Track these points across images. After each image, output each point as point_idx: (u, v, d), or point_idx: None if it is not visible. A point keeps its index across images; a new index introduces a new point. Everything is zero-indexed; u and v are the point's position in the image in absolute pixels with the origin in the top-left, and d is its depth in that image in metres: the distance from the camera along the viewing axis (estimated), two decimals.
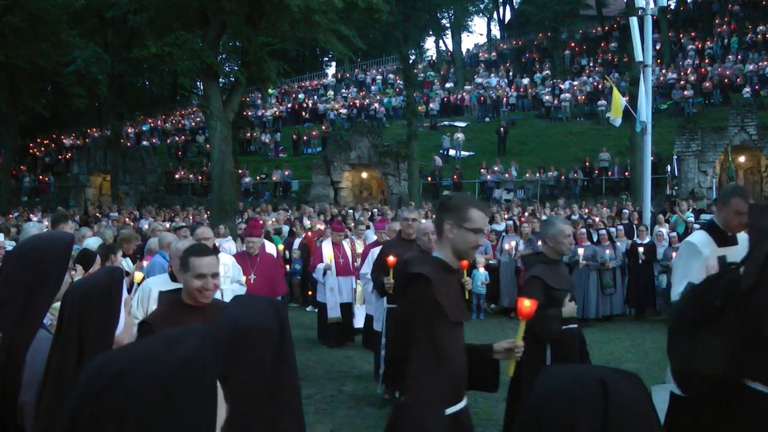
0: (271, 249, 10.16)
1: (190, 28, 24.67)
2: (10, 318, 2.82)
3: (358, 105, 42.15)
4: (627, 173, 27.76)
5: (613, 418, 1.41)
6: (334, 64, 61.98)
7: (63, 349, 2.59)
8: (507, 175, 29.95)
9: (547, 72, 42.45)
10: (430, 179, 31.46)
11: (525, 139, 34.87)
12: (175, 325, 3.09)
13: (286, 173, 33.50)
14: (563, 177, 29.07)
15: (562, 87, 38.70)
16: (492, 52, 52.23)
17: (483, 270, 15.12)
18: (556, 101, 37.26)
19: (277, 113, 43.72)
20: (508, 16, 60.82)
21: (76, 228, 10.49)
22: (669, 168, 26.49)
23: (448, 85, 45.20)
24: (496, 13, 61.26)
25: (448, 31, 56.40)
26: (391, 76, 49.20)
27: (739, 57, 36.91)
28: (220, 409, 1.37)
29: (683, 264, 4.92)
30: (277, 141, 38.66)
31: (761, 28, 38.96)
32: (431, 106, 40.70)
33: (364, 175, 32.78)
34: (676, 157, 26.26)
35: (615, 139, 30.20)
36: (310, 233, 17.32)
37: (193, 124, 44.58)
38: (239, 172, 31.66)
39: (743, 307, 3.44)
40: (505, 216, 19.60)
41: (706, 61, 37.82)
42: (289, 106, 45.21)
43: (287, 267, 16.32)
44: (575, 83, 39.16)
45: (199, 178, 34.42)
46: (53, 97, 43.99)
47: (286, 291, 12.37)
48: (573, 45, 46.40)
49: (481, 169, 30.57)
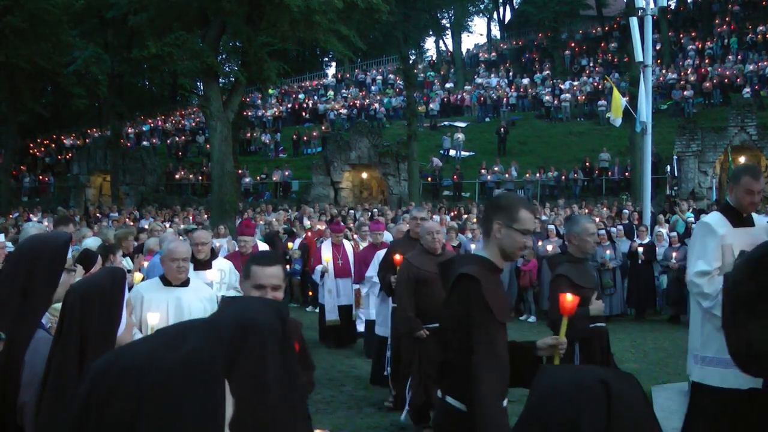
0: (264, 248, 9.82)
1: (190, 29, 24.68)
2: (6, 318, 2.82)
3: (358, 105, 42.14)
4: (627, 173, 27.77)
5: (616, 419, 1.41)
6: (334, 64, 61.99)
7: (64, 349, 2.59)
8: (507, 175, 29.93)
9: (547, 72, 42.47)
10: (430, 179, 31.47)
11: (525, 139, 34.87)
12: None
13: (286, 173, 33.50)
14: (563, 177, 29.07)
15: (562, 87, 38.72)
16: (492, 52, 52.24)
17: None
18: (556, 101, 37.27)
19: (277, 113, 43.71)
20: (508, 16, 60.86)
21: (77, 228, 10.48)
22: (669, 168, 26.51)
23: (448, 85, 45.19)
24: (496, 13, 61.27)
25: (448, 32, 56.45)
26: (391, 76, 49.20)
27: (739, 57, 36.92)
28: (227, 403, 1.38)
29: (699, 244, 4.87)
30: (277, 141, 38.67)
31: (761, 28, 38.99)
32: (431, 106, 40.71)
33: (364, 175, 32.78)
34: (676, 157, 26.28)
35: (615, 140, 30.21)
36: (310, 233, 17.31)
37: (193, 124, 44.57)
38: (239, 172, 31.65)
39: None
40: None
41: (706, 61, 37.84)
42: (289, 106, 45.21)
43: (287, 267, 16.31)
44: (575, 83, 39.17)
45: (200, 178, 34.41)
46: (53, 97, 44.00)
47: None
48: (573, 45, 46.41)
49: (481, 170, 30.58)
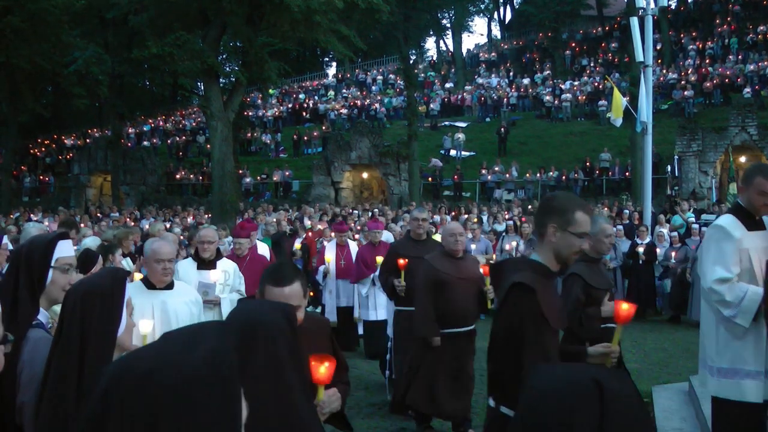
0: (263, 250, 9.61)
1: (190, 29, 24.71)
2: (3, 318, 2.83)
3: (358, 105, 42.13)
4: (627, 173, 27.76)
5: (609, 418, 1.40)
6: (334, 64, 62.02)
7: (64, 349, 2.59)
8: (507, 175, 29.95)
9: (547, 72, 42.48)
10: (430, 179, 31.47)
11: (525, 139, 34.86)
12: None
13: (287, 173, 33.50)
14: (564, 177, 29.05)
15: (563, 87, 38.72)
16: (492, 52, 52.29)
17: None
18: (556, 101, 37.27)
19: (277, 113, 43.72)
20: (509, 16, 60.85)
21: (79, 235, 10.46)
22: (669, 168, 26.51)
23: (449, 85, 45.20)
24: (496, 13, 61.27)
25: (449, 32, 56.47)
26: (391, 76, 49.20)
27: (739, 57, 36.90)
28: (243, 406, 1.38)
29: (715, 249, 4.61)
30: (277, 141, 38.68)
31: (762, 28, 38.97)
32: (432, 106, 40.71)
33: (365, 175, 32.78)
34: (677, 157, 26.27)
35: (615, 140, 30.19)
36: (311, 233, 17.31)
37: (193, 124, 44.60)
38: (240, 172, 31.68)
39: None
40: (506, 216, 19.58)
41: (707, 61, 37.83)
42: (289, 106, 45.20)
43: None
44: (576, 83, 39.17)
45: (200, 178, 34.42)
46: (54, 97, 44.01)
47: None
48: (573, 45, 46.44)
49: (481, 170, 30.59)
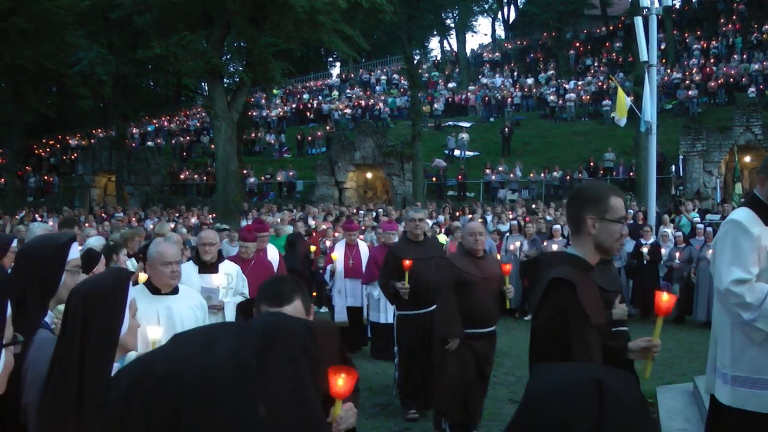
0: (273, 254, 9.41)
1: (194, 29, 24.76)
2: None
3: (362, 105, 42.16)
4: (632, 173, 27.73)
5: (609, 418, 1.39)
6: (338, 64, 62.06)
7: (66, 350, 2.59)
8: (511, 175, 29.93)
9: (551, 72, 42.48)
10: (434, 179, 31.47)
11: (529, 139, 34.84)
12: None
13: (291, 173, 33.52)
14: (568, 177, 29.02)
15: (567, 87, 38.68)
16: (496, 52, 52.28)
17: None
18: (560, 101, 37.24)
19: (281, 113, 43.76)
20: (513, 16, 60.76)
21: (82, 229, 10.47)
22: (674, 168, 26.47)
23: (452, 85, 45.20)
24: (500, 13, 61.20)
25: (453, 31, 56.39)
26: (395, 76, 49.21)
27: (744, 56, 36.83)
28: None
29: (731, 246, 4.17)
30: (281, 141, 38.70)
31: (766, 27, 38.84)
32: (436, 106, 40.68)
33: (369, 175, 32.78)
34: (682, 157, 26.23)
35: (620, 139, 30.15)
36: (315, 233, 17.32)
37: (197, 124, 44.65)
38: (244, 172, 31.70)
39: None
40: (510, 216, 19.56)
41: (711, 60, 37.77)
42: (293, 106, 45.22)
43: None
44: (580, 83, 39.12)
45: (204, 178, 34.46)
46: (58, 97, 44.05)
47: None
48: (577, 45, 46.40)
49: (485, 169, 30.58)
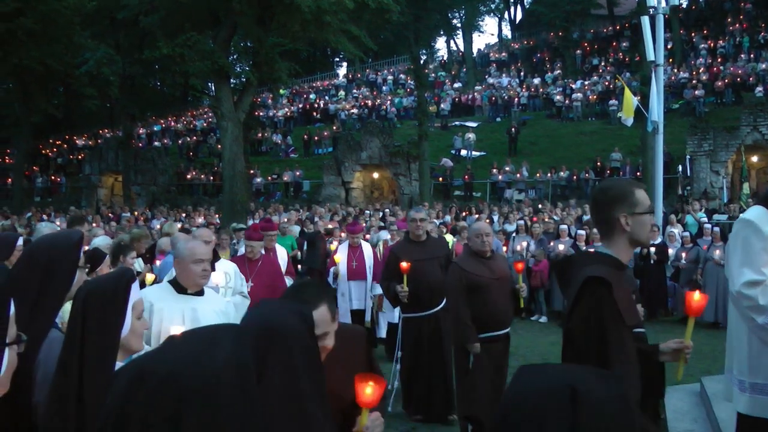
0: (281, 255, 9.30)
1: (201, 29, 24.76)
2: (21, 318, 2.82)
3: (369, 105, 42.15)
4: (638, 173, 27.62)
5: (583, 425, 1.37)
6: (345, 64, 62.05)
7: (66, 350, 2.60)
8: (518, 175, 29.90)
9: (558, 72, 42.41)
10: (441, 179, 31.45)
11: (536, 139, 34.80)
12: None
13: (298, 173, 33.54)
14: (575, 177, 28.99)
15: (574, 87, 38.62)
16: (503, 52, 52.25)
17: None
18: (567, 101, 37.18)
19: (288, 114, 43.78)
20: (519, 16, 60.76)
21: (89, 228, 10.50)
22: (681, 168, 26.41)
23: (459, 85, 45.17)
24: (507, 12, 61.22)
25: (459, 31, 56.35)
26: (402, 76, 49.18)
27: (751, 56, 36.71)
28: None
29: (742, 246, 4.12)
30: (288, 143, 38.70)
31: None
32: (442, 106, 40.67)
33: (375, 175, 32.79)
34: (689, 157, 26.17)
35: (626, 139, 30.09)
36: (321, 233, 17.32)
37: (204, 124, 44.69)
38: (250, 172, 31.72)
39: None
40: (516, 216, 19.54)
41: (718, 60, 37.66)
42: (300, 106, 45.25)
43: (299, 267, 16.34)
44: (586, 83, 39.08)
45: (211, 178, 34.50)
46: (65, 98, 44.19)
47: None
48: (584, 44, 46.30)
49: (492, 169, 30.55)
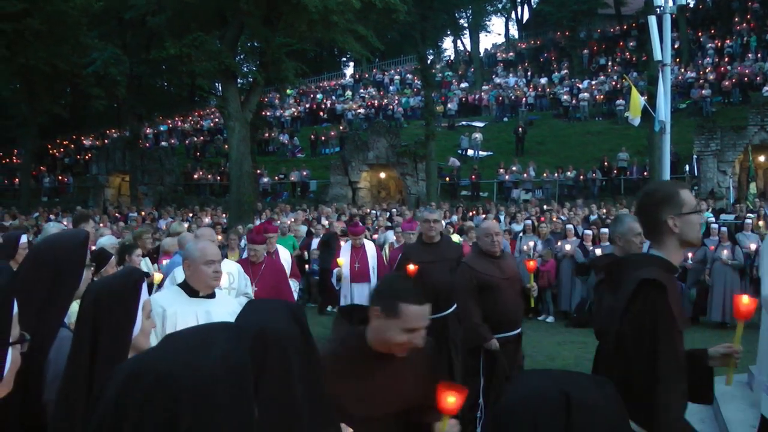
0: (285, 256, 9.18)
1: (208, 29, 24.80)
2: (30, 317, 2.82)
3: (376, 105, 42.17)
4: (646, 173, 27.60)
5: (576, 430, 1.37)
6: (352, 64, 62.13)
7: (75, 350, 2.59)
8: (525, 175, 29.86)
9: (565, 71, 42.36)
10: (448, 179, 31.43)
11: (543, 138, 34.76)
12: (358, 374, 2.97)
13: (304, 173, 33.55)
14: (582, 177, 28.95)
15: (581, 86, 38.57)
16: (510, 51, 52.22)
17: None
18: (574, 101, 37.13)
19: (295, 114, 43.81)
20: (526, 16, 60.75)
21: (94, 227, 10.51)
22: (688, 168, 26.35)
23: (466, 84, 45.15)
24: (513, 12, 61.17)
25: (466, 31, 56.44)
26: (409, 76, 49.23)
27: (758, 55, 36.63)
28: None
29: None
30: (295, 143, 38.71)
31: None
32: (449, 106, 40.68)
33: (382, 175, 32.77)
34: (696, 157, 26.11)
35: (633, 139, 30.04)
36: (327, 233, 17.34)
37: (211, 124, 44.75)
38: (257, 172, 31.76)
39: None
40: (523, 216, 19.51)
41: (726, 59, 37.56)
42: (307, 106, 45.31)
43: (306, 267, 16.37)
44: (593, 82, 39.03)
45: (218, 178, 34.53)
46: (72, 98, 44.22)
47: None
48: (591, 44, 46.23)
49: (499, 169, 30.52)
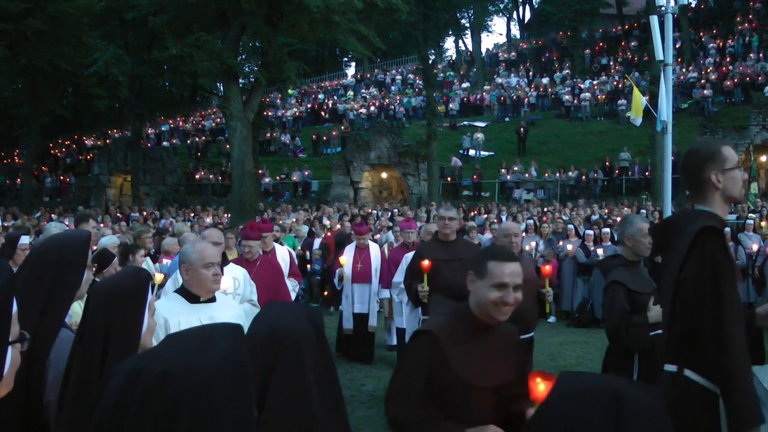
0: (282, 255, 9.02)
1: (209, 29, 24.79)
2: (31, 318, 2.82)
3: (377, 105, 42.15)
4: (647, 173, 27.60)
5: (625, 429, 1.36)
6: (353, 64, 62.09)
7: (86, 350, 2.59)
8: (527, 175, 29.86)
9: (567, 71, 42.31)
10: (449, 179, 31.42)
11: (545, 138, 34.75)
12: (465, 345, 2.96)
13: (306, 173, 33.55)
14: (583, 177, 28.94)
15: (582, 86, 38.55)
16: (512, 51, 52.17)
17: None
18: (575, 101, 37.11)
19: (296, 114, 43.79)
20: (528, 16, 60.69)
21: (96, 227, 10.51)
22: (680, 175, 26.32)
23: (467, 84, 45.12)
24: (515, 12, 61.16)
25: (468, 31, 56.39)
26: (410, 76, 49.21)
27: (760, 55, 36.58)
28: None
29: None
30: (296, 143, 38.69)
31: None
32: (451, 106, 40.66)
33: (384, 175, 32.77)
34: None
35: (635, 139, 30.04)
36: (330, 233, 17.36)
37: (213, 124, 44.71)
38: (259, 172, 31.74)
39: None
40: (525, 216, 19.50)
41: (727, 59, 37.53)
42: (308, 106, 45.29)
43: (307, 267, 16.37)
44: (595, 82, 39.00)
45: (219, 178, 34.52)
46: (74, 98, 44.30)
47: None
48: (593, 44, 46.20)
49: (501, 169, 30.52)
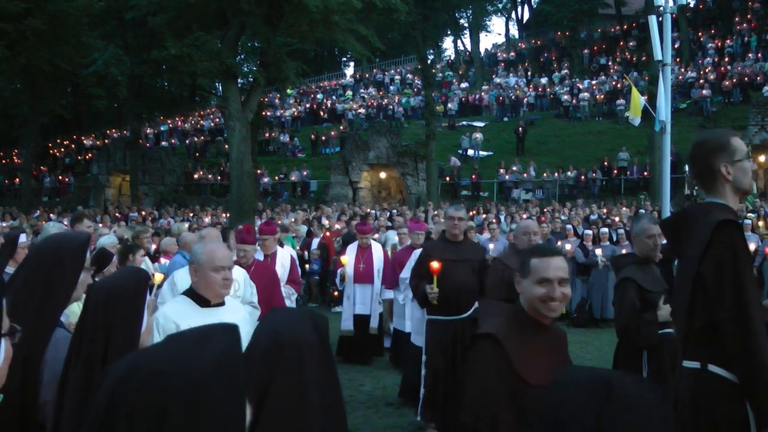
0: (284, 258, 8.87)
1: (209, 29, 24.76)
2: (27, 317, 2.82)
3: (376, 105, 42.16)
4: (646, 173, 27.62)
5: (611, 416, 1.39)
6: (352, 64, 62.06)
7: (87, 350, 2.59)
8: (525, 175, 29.87)
9: (565, 71, 42.32)
10: (448, 179, 31.43)
11: (544, 138, 34.77)
12: (525, 345, 2.95)
13: (305, 173, 33.54)
14: (582, 177, 28.95)
15: (581, 86, 38.54)
16: (510, 51, 52.16)
17: None
18: (574, 101, 37.11)
19: (295, 113, 43.77)
20: (527, 16, 60.70)
21: (91, 227, 10.49)
22: (688, 168, 26.33)
23: (466, 84, 45.12)
24: (514, 12, 61.15)
25: (467, 31, 56.39)
26: (409, 76, 49.22)
27: (759, 55, 36.60)
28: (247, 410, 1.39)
29: None
30: (295, 143, 38.67)
31: None
32: (450, 106, 40.64)
33: (383, 175, 32.76)
34: None
35: (634, 139, 30.04)
36: (329, 233, 17.37)
37: (212, 124, 44.67)
38: (258, 172, 31.72)
39: None
40: (524, 216, 19.51)
41: (726, 59, 37.54)
42: (307, 106, 45.27)
43: (306, 267, 16.36)
44: (594, 82, 39.01)
45: (218, 178, 34.51)
46: (73, 98, 44.20)
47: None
48: (592, 44, 46.21)
49: (499, 169, 30.52)
